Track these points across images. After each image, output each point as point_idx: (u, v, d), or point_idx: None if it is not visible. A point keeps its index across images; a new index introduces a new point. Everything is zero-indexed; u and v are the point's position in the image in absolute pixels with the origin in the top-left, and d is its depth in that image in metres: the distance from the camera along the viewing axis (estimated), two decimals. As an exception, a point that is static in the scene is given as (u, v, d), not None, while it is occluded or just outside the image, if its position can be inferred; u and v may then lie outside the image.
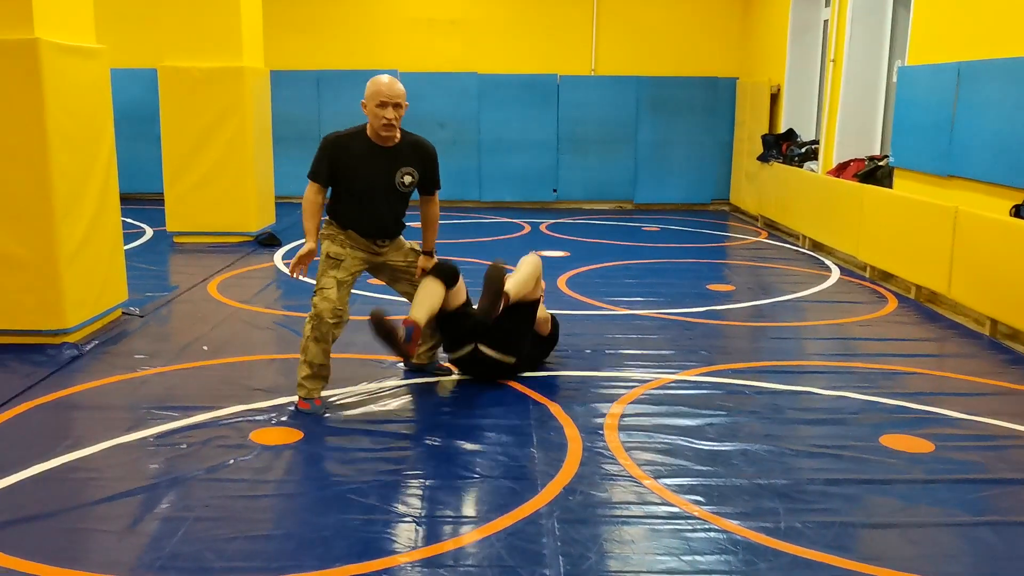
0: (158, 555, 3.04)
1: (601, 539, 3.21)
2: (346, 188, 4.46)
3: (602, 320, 6.26)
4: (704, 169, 12.61)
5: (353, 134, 4.46)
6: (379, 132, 4.38)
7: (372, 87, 4.33)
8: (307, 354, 4.44)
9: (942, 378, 5.15)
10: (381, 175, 4.47)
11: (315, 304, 4.41)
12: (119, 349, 5.46)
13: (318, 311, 4.39)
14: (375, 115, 4.34)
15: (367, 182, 4.45)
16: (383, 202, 4.52)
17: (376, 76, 4.40)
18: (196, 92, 8.75)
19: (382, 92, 4.30)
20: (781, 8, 11.00)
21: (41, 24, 5.15)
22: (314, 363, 4.45)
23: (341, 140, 4.44)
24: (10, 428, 4.17)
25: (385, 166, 4.47)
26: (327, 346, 4.46)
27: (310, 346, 4.43)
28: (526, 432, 4.19)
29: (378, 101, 4.30)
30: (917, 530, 3.32)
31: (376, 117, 4.34)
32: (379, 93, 4.30)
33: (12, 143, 5.14)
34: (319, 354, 4.45)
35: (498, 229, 10.60)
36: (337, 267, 4.45)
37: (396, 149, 4.48)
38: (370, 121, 4.39)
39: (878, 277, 7.82)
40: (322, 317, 4.39)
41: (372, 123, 4.39)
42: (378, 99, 4.30)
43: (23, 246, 5.25)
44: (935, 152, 7.06)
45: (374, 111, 4.33)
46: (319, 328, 4.41)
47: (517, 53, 12.54)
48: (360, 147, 4.43)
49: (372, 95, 4.32)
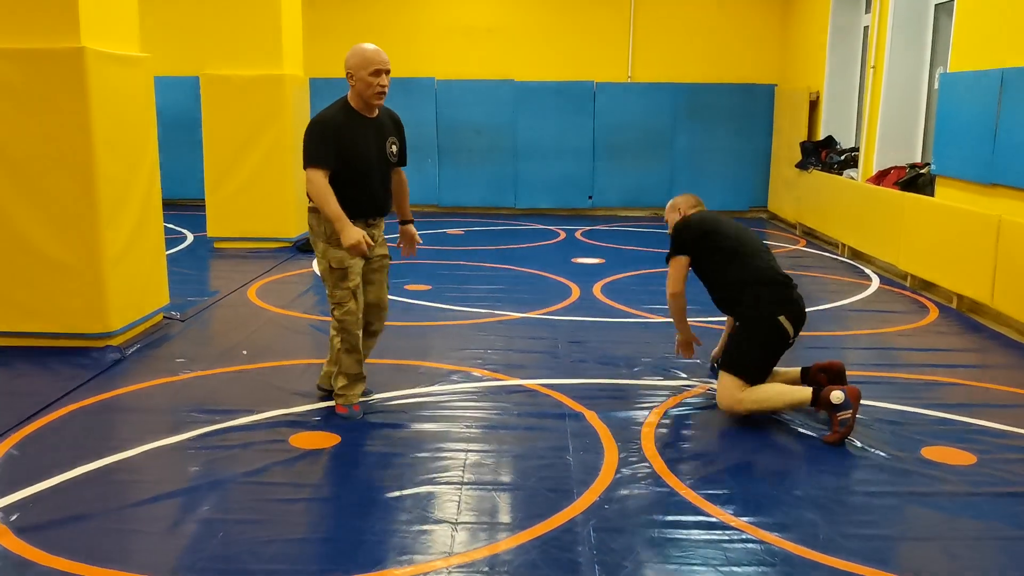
0: (198, 557, 3.08)
1: (637, 548, 3.20)
2: (345, 167, 4.24)
3: (638, 328, 6.24)
4: (742, 176, 12.53)
5: (340, 111, 4.27)
6: (370, 101, 4.25)
7: (361, 55, 4.18)
8: (342, 366, 4.47)
9: (984, 389, 5.07)
10: (373, 147, 4.34)
11: (339, 319, 4.37)
12: (160, 353, 5.54)
13: (345, 326, 4.37)
14: (368, 84, 4.19)
15: (364, 157, 4.29)
16: (377, 175, 4.37)
17: (356, 45, 4.25)
18: (237, 100, 8.87)
19: (375, 60, 4.17)
20: (820, 14, 10.91)
21: (87, 33, 5.25)
22: (350, 373, 4.48)
23: (335, 119, 4.23)
24: (54, 430, 4.25)
25: (375, 137, 4.34)
26: (360, 355, 4.49)
27: (343, 358, 4.45)
28: (562, 440, 4.19)
29: (372, 69, 4.17)
30: (958, 544, 3.27)
31: (369, 86, 4.19)
32: (372, 61, 4.17)
33: (59, 150, 5.24)
34: (353, 364, 4.48)
35: (533, 236, 10.61)
36: (346, 276, 4.32)
37: (379, 120, 4.38)
38: (359, 91, 4.23)
39: (919, 286, 7.72)
40: (349, 330, 4.39)
41: (362, 92, 4.22)
42: (372, 67, 4.17)
43: (69, 251, 5.35)
44: (978, 160, 6.95)
45: (367, 79, 4.18)
46: (349, 340, 4.42)
47: (553, 60, 12.56)
48: (351, 122, 4.26)
49: (364, 63, 4.17)
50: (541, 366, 5.32)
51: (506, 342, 5.82)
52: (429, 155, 12.45)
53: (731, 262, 4.68)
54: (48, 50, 5.16)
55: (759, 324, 4.49)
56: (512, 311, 6.64)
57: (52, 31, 5.18)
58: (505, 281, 7.80)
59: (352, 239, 4.15)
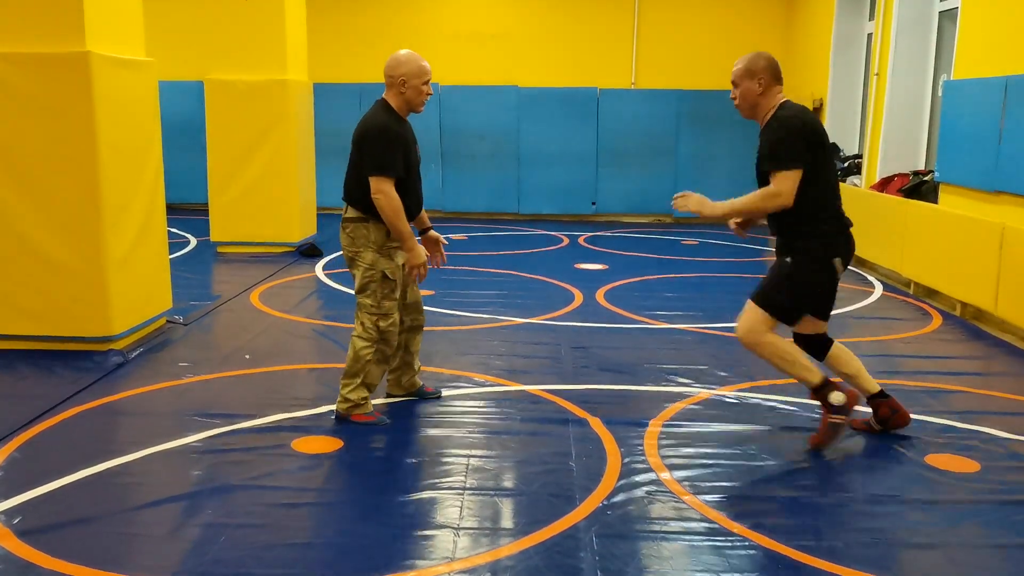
0: (200, 561, 3.08)
1: (639, 554, 3.20)
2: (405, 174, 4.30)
3: (641, 334, 6.23)
4: (745, 183, 12.34)
5: (391, 117, 4.32)
6: (417, 109, 4.39)
7: (415, 64, 4.28)
8: (368, 378, 4.43)
9: (988, 397, 5.06)
10: (417, 151, 4.47)
11: (383, 329, 4.35)
12: (163, 357, 5.55)
13: (387, 337, 4.38)
14: (419, 91, 4.32)
15: (415, 163, 4.42)
16: (419, 178, 4.50)
17: (407, 53, 4.33)
18: (241, 104, 8.89)
19: (428, 70, 4.34)
20: (824, 21, 10.92)
21: (93, 38, 5.26)
22: (372, 384, 4.48)
23: (395, 126, 4.28)
24: (57, 433, 4.26)
25: (415, 141, 4.47)
26: (387, 367, 4.52)
27: (372, 370, 4.43)
28: (565, 446, 4.19)
29: (425, 79, 4.32)
30: (962, 551, 3.26)
31: (421, 93, 4.33)
32: (426, 71, 4.32)
33: (63, 154, 5.26)
34: (379, 376, 4.49)
35: (536, 241, 10.61)
36: (395, 288, 4.36)
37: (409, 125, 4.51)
38: (408, 97, 4.31)
39: (922, 294, 7.71)
40: (389, 341, 4.40)
41: (412, 99, 4.32)
42: (425, 76, 4.32)
43: (72, 254, 5.36)
44: (981, 167, 6.95)
45: (419, 87, 4.31)
46: (383, 351, 4.42)
47: (557, 66, 12.58)
48: (403, 128, 4.35)
49: (419, 72, 4.29)
50: (544, 372, 5.32)
51: (509, 347, 5.82)
52: (433, 160, 12.45)
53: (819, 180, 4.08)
54: (53, 54, 5.18)
55: (814, 262, 4.07)
56: (515, 316, 6.64)
57: (57, 35, 5.19)
58: (508, 287, 7.80)
59: (421, 259, 4.27)
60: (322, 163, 10.83)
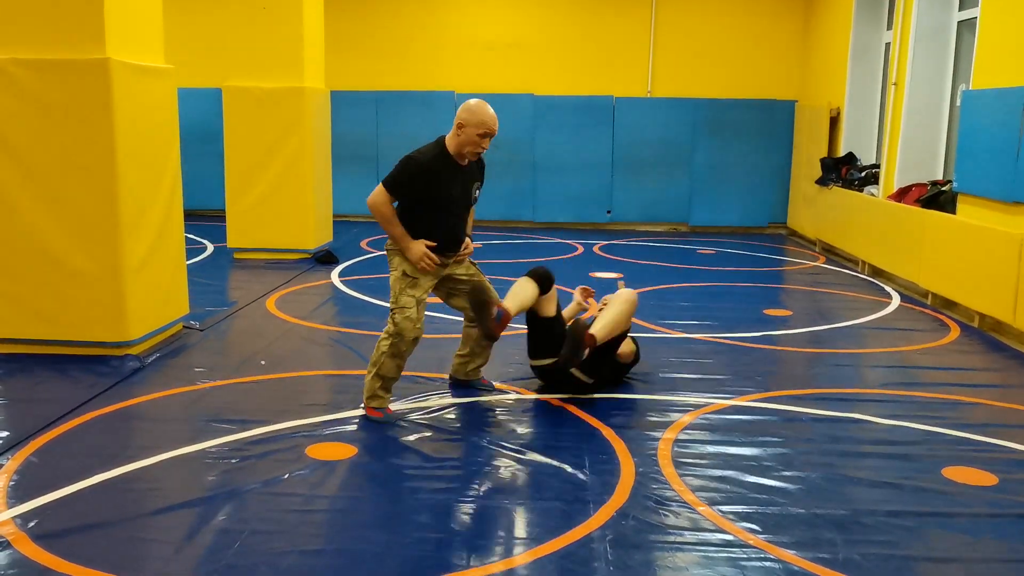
0: (214, 567, 3.09)
1: (654, 565, 3.18)
2: (427, 203, 4.50)
3: (656, 343, 6.21)
4: (761, 192, 12.49)
5: (436, 155, 4.50)
6: (467, 156, 4.53)
7: (479, 115, 4.40)
8: (382, 369, 4.53)
9: (1007, 409, 5.01)
10: (460, 190, 4.61)
11: (397, 323, 4.46)
12: (179, 362, 5.57)
13: (400, 329, 4.46)
14: (473, 142, 4.44)
15: (449, 197, 4.54)
16: (459, 215, 4.66)
17: (479, 102, 4.45)
18: (258, 111, 8.94)
19: (489, 125, 4.43)
20: (842, 30, 10.88)
21: (113, 45, 5.31)
22: (387, 377, 4.56)
23: (430, 164, 4.46)
24: (73, 437, 4.28)
25: (464, 182, 4.62)
26: (402, 362, 4.57)
27: (386, 362, 4.52)
28: (579, 455, 4.17)
29: (483, 131, 4.42)
30: (979, 565, 3.23)
31: (474, 144, 4.45)
32: (486, 125, 4.42)
33: (82, 160, 5.30)
34: (393, 369, 4.56)
35: (551, 250, 10.60)
36: (415, 286, 4.51)
37: (470, 165, 4.65)
38: (461, 141, 4.46)
39: (940, 305, 7.66)
40: (404, 336, 4.46)
41: (464, 144, 4.47)
42: (483, 129, 4.42)
43: (90, 260, 5.39)
44: (1000, 177, 6.90)
45: (474, 139, 4.43)
46: (398, 346, 4.49)
47: (573, 75, 12.58)
48: (443, 166, 4.50)
49: (478, 124, 4.40)
50: (558, 380, 5.30)
51: (524, 356, 5.80)
52: (448, 168, 12.46)
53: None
54: (73, 61, 5.22)
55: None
56: (530, 325, 6.61)
57: (78, 42, 5.24)
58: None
59: (416, 254, 4.45)
60: (338, 170, 10.87)
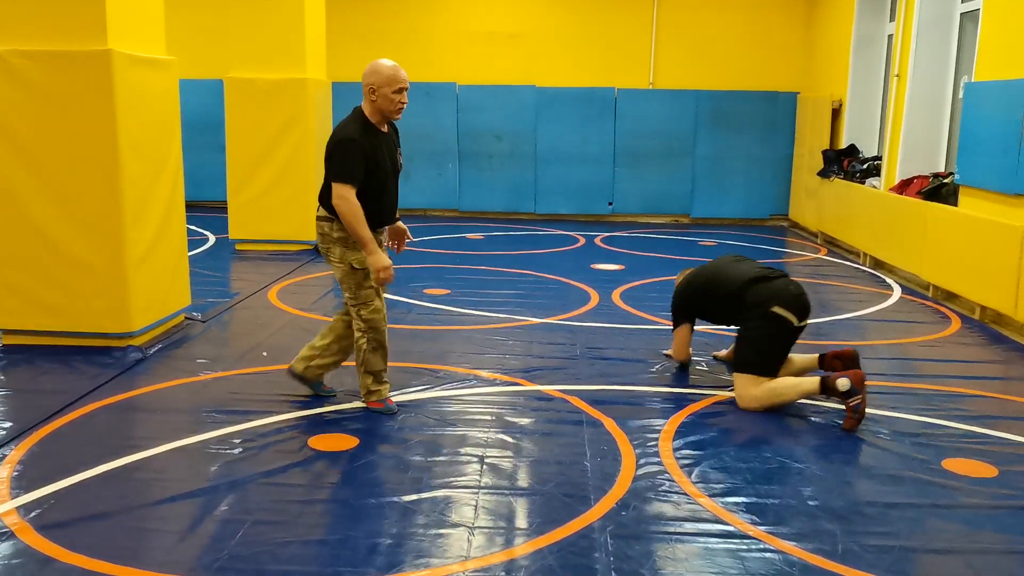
0: (216, 557, 3.10)
1: (654, 556, 3.19)
2: (369, 181, 4.33)
3: (657, 335, 6.22)
4: (763, 184, 12.48)
5: (361, 127, 4.34)
6: (392, 117, 4.40)
7: (387, 73, 4.30)
8: (369, 365, 4.54)
9: (1007, 401, 5.02)
10: (390, 159, 4.45)
11: (367, 319, 4.45)
12: (181, 353, 5.58)
13: (373, 324, 4.46)
14: (391, 100, 4.32)
15: (384, 170, 4.40)
16: (392, 185, 4.52)
17: (377, 62, 4.36)
18: (260, 103, 8.93)
19: (398, 78, 4.32)
20: (844, 22, 10.86)
21: (114, 36, 5.30)
22: (377, 370, 4.57)
23: (363, 135, 4.31)
24: (76, 428, 4.29)
25: (390, 150, 4.47)
26: (386, 351, 4.57)
27: (370, 358, 4.52)
28: (580, 446, 4.19)
29: (397, 87, 4.32)
30: (979, 557, 3.24)
31: (392, 102, 4.33)
32: (395, 79, 4.31)
33: (85, 151, 5.30)
34: (380, 361, 4.56)
35: (553, 241, 10.61)
36: (367, 276, 4.41)
37: (388, 132, 4.51)
38: (380, 106, 4.34)
39: (941, 297, 7.66)
40: (378, 327, 4.48)
41: (384, 108, 4.34)
42: (396, 85, 4.32)
43: (93, 251, 5.40)
44: (1002, 170, 6.90)
45: (391, 96, 4.31)
46: (376, 339, 4.50)
47: (575, 66, 12.56)
48: (372, 137, 4.35)
49: (387, 81, 4.29)
50: (559, 372, 5.32)
51: (524, 347, 5.82)
52: (450, 160, 12.48)
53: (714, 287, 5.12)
54: (75, 52, 5.22)
55: (755, 318, 4.78)
56: (531, 316, 6.64)
57: (79, 33, 5.24)
58: (524, 286, 7.80)
59: (381, 264, 4.29)
60: (340, 162, 10.86)
